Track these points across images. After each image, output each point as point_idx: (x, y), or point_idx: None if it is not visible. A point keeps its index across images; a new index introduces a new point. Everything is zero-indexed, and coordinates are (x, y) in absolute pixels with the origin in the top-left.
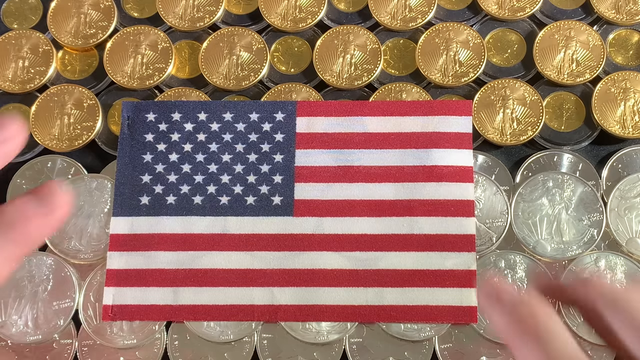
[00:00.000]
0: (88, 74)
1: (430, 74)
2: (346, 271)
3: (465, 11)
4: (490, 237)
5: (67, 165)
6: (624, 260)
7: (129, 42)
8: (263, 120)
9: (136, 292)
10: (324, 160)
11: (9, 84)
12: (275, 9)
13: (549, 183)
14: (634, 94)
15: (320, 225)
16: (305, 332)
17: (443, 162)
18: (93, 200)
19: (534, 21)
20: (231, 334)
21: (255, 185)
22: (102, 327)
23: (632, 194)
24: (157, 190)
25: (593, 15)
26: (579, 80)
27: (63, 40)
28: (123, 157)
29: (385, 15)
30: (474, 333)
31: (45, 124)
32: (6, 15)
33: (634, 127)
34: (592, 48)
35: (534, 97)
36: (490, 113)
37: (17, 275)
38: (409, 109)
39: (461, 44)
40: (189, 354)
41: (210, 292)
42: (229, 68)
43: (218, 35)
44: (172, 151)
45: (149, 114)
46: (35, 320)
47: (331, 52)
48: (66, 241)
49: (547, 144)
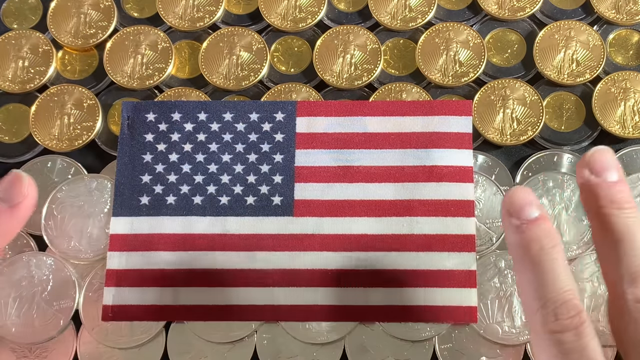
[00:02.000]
0: (88, 74)
1: (430, 74)
2: (346, 271)
3: (465, 11)
4: (491, 237)
5: (67, 165)
6: None
7: (128, 42)
8: (263, 120)
9: (136, 292)
10: (324, 160)
11: (8, 84)
12: (275, 9)
13: (549, 183)
14: (634, 94)
15: (320, 226)
16: (305, 332)
17: (443, 162)
18: (93, 200)
19: (534, 21)
20: (231, 334)
21: (255, 185)
22: (102, 327)
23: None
24: (157, 190)
25: (593, 15)
26: (579, 80)
27: (63, 40)
28: (123, 157)
29: (385, 15)
30: (474, 333)
31: (45, 124)
32: (6, 15)
33: (634, 127)
34: (592, 48)
35: (534, 97)
36: (490, 113)
37: (17, 275)
38: (409, 109)
39: (461, 44)
40: (189, 354)
41: (210, 292)
42: (229, 68)
43: (218, 35)
44: (172, 151)
45: (149, 114)
46: (35, 320)
47: (331, 52)
48: (66, 241)
49: (547, 144)
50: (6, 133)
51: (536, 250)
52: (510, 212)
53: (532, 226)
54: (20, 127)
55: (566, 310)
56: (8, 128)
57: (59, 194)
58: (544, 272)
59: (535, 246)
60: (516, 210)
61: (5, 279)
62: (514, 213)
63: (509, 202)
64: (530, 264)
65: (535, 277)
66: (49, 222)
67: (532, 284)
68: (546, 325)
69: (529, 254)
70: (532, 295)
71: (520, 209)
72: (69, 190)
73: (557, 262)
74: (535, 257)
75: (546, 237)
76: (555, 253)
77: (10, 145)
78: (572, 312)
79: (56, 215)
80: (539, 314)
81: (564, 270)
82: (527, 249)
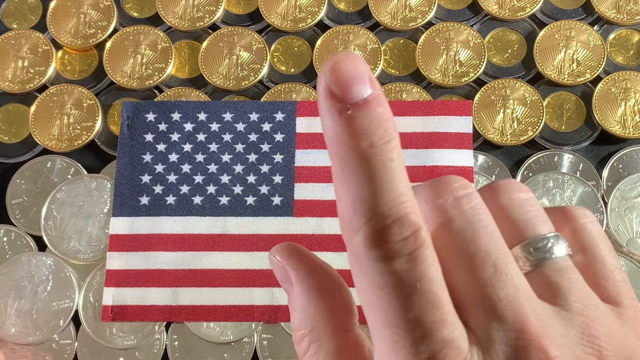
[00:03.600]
0: (88, 74)
1: (431, 74)
2: (346, 271)
3: (466, 11)
4: None
5: (67, 165)
6: (624, 260)
7: (128, 42)
8: (263, 121)
9: (136, 292)
10: (324, 160)
11: (8, 84)
12: (275, 8)
13: (549, 183)
14: (635, 94)
15: (320, 226)
16: None
17: (443, 162)
18: (93, 200)
19: (535, 21)
20: (231, 334)
21: (255, 185)
22: (101, 328)
23: (632, 194)
24: (156, 190)
25: (593, 15)
26: (580, 80)
27: (62, 40)
28: (123, 157)
29: (385, 15)
30: None
31: (44, 124)
32: (6, 15)
33: (635, 127)
34: (592, 48)
35: (534, 97)
36: (490, 113)
37: (17, 275)
38: (409, 109)
39: (461, 43)
40: (189, 354)
41: (210, 292)
42: (229, 68)
43: (218, 35)
44: (172, 151)
45: (148, 114)
46: (35, 320)
47: (331, 52)
48: (66, 241)
49: (548, 144)
50: (6, 133)
51: (365, 147)
52: (330, 90)
53: (361, 112)
54: (20, 127)
55: (398, 230)
56: (8, 128)
57: (59, 194)
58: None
59: (363, 141)
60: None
61: (5, 279)
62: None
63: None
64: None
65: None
66: (48, 222)
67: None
68: (370, 249)
69: (355, 152)
70: (353, 208)
71: (347, 88)
72: (69, 191)
73: (392, 163)
74: (362, 156)
75: (379, 128)
76: (390, 151)
77: (10, 146)
78: (406, 231)
79: (56, 216)
80: (361, 233)
81: (401, 174)
82: (352, 145)
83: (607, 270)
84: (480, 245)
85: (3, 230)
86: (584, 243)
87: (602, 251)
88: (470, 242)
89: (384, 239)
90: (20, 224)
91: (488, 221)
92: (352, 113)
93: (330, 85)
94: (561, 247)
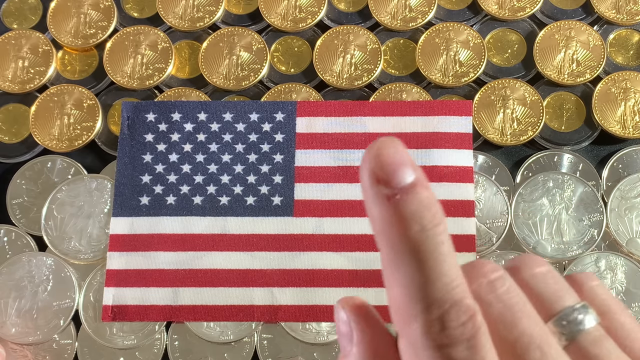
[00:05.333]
0: (88, 74)
1: (431, 74)
2: (346, 271)
3: (466, 11)
4: (491, 238)
5: (67, 165)
6: (624, 260)
7: (128, 42)
8: (263, 121)
9: (136, 292)
10: (324, 161)
11: (8, 84)
12: (275, 9)
13: (549, 183)
14: (635, 94)
15: (320, 226)
16: (305, 332)
17: (443, 162)
18: (93, 200)
19: (534, 21)
20: (231, 334)
21: (255, 185)
22: (102, 328)
23: (632, 194)
24: (157, 190)
25: (593, 15)
26: (579, 80)
27: (63, 40)
28: (123, 157)
29: (385, 15)
30: None
31: (45, 124)
32: (6, 15)
33: (635, 127)
34: (592, 48)
35: (534, 97)
36: (490, 113)
37: (17, 275)
38: (409, 109)
39: (461, 44)
40: (189, 354)
41: (211, 292)
42: (229, 68)
43: (218, 35)
44: (172, 151)
45: (148, 114)
46: (35, 320)
47: (331, 52)
48: (66, 241)
49: (547, 144)
50: (6, 133)
51: (415, 232)
52: (376, 177)
53: (409, 196)
54: (20, 127)
55: (456, 315)
56: (8, 128)
57: (59, 194)
58: (425, 261)
59: (414, 226)
60: (386, 174)
61: (5, 279)
62: (383, 178)
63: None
64: (408, 250)
65: (413, 269)
66: (48, 222)
67: (408, 280)
68: (429, 337)
69: (406, 237)
70: (409, 295)
71: (392, 173)
72: (69, 191)
73: (443, 247)
74: (414, 241)
75: (428, 212)
76: (440, 234)
77: (10, 146)
78: (463, 317)
79: (56, 216)
80: (419, 321)
81: (452, 258)
82: (403, 231)
83: (628, 330)
84: (523, 329)
85: (3, 230)
86: (601, 308)
87: (617, 312)
88: (513, 327)
89: (443, 325)
90: (20, 224)
91: (524, 302)
92: (401, 197)
93: (376, 171)
94: (591, 317)
